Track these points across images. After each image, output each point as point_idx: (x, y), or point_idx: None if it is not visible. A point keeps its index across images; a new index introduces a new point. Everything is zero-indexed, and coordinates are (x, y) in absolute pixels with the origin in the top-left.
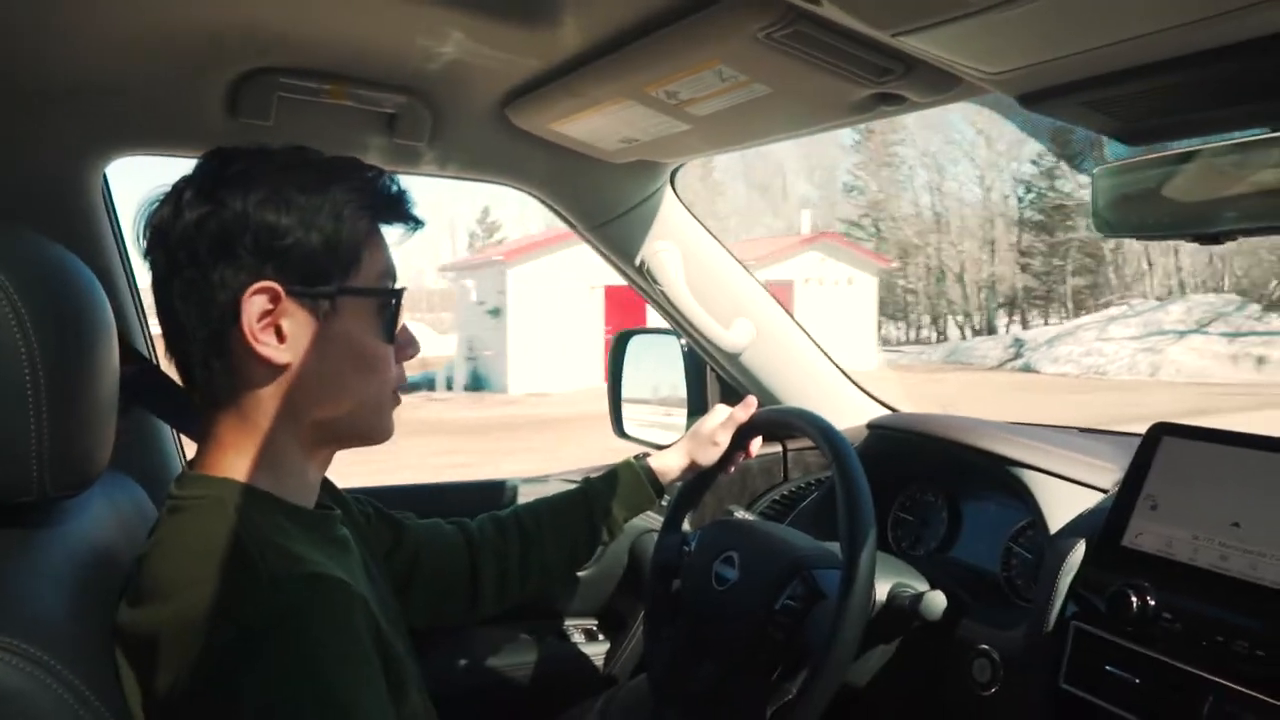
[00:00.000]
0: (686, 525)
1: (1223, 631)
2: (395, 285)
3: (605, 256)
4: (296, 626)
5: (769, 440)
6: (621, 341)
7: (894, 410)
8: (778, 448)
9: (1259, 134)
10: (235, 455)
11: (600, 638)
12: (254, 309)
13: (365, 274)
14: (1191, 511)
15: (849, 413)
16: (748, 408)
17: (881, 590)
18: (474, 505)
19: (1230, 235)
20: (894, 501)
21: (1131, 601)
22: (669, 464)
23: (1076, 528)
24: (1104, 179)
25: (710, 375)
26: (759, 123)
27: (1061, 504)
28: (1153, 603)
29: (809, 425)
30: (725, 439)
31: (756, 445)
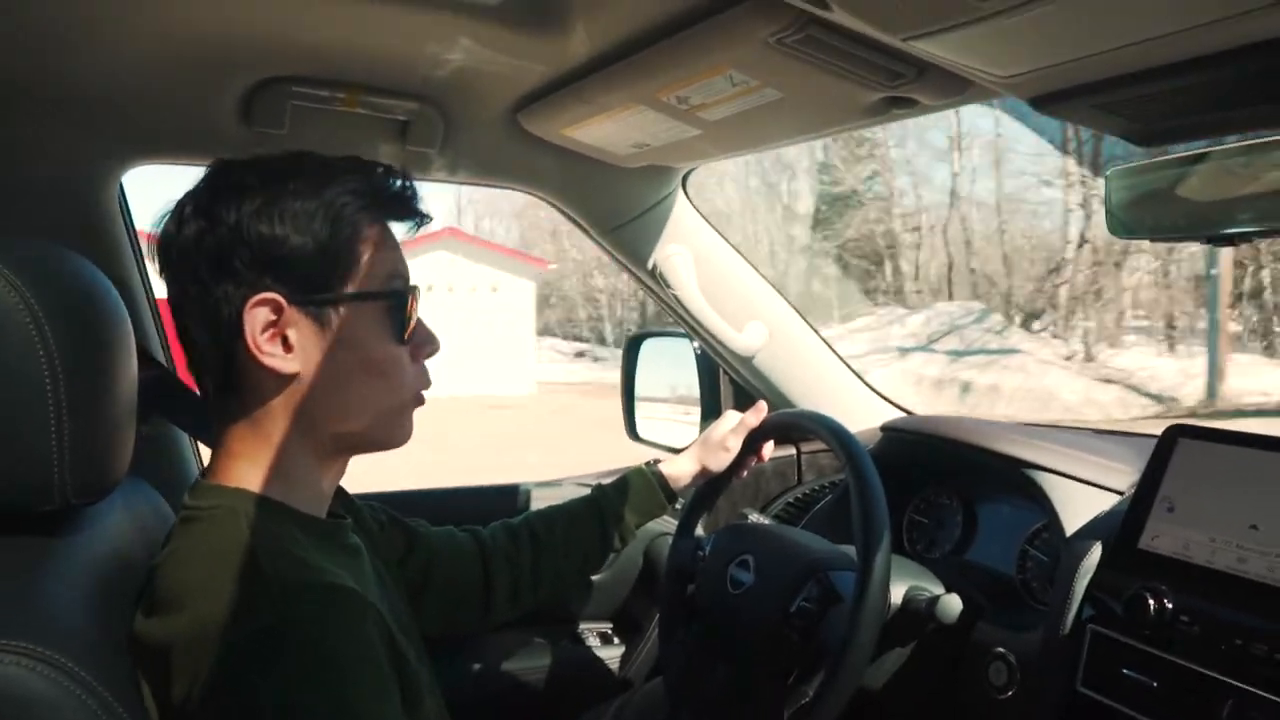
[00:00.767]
0: (700, 529)
1: (1241, 635)
2: (407, 283)
3: (618, 260)
4: (310, 635)
5: (782, 443)
6: (634, 344)
7: (909, 413)
8: (791, 450)
9: (1271, 135)
10: (248, 465)
11: (615, 641)
12: (257, 321)
13: (369, 275)
14: (1208, 514)
15: (863, 415)
16: (758, 413)
17: (897, 593)
18: (487, 509)
19: (1245, 237)
20: (909, 504)
21: (1149, 604)
22: (680, 470)
23: (1092, 530)
24: (1117, 180)
25: (723, 378)
26: (770, 127)
27: (1077, 506)
28: (1170, 606)
29: (821, 428)
30: (736, 444)
31: (768, 450)
